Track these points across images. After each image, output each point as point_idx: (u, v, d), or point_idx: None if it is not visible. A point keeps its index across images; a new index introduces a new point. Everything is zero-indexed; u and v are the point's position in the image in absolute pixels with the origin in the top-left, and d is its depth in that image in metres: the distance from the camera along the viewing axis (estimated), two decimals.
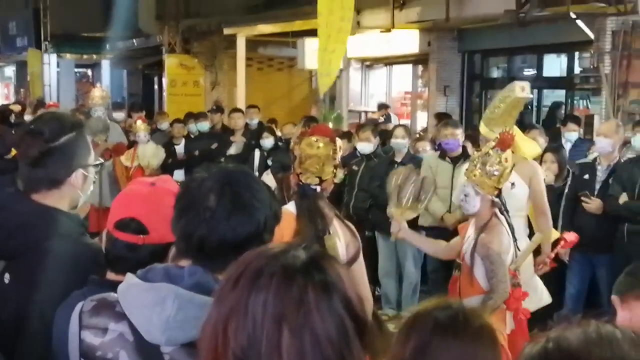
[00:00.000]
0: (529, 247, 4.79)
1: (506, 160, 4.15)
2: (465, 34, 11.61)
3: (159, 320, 1.52)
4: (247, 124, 9.59)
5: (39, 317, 2.00)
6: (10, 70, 27.07)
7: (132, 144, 9.08)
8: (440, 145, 6.95)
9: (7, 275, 2.15)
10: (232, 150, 9.19)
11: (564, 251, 5.80)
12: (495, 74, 12.44)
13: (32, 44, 21.32)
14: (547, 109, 11.26)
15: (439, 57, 11.83)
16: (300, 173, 3.40)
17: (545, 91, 11.39)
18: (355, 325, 1.22)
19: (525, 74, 11.63)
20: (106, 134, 8.35)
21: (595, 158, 6.21)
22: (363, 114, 14.53)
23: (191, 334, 1.47)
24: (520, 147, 5.35)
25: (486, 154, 4.19)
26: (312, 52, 11.72)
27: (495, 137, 4.36)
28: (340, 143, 3.61)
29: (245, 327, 1.19)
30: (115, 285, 1.66)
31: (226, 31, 14.48)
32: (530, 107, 10.86)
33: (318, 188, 3.38)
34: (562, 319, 1.31)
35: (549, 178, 6.07)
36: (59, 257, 2.08)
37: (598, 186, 6.04)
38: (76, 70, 24.66)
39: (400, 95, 14.47)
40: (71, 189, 2.25)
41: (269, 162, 8.46)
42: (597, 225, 5.90)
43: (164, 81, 17.13)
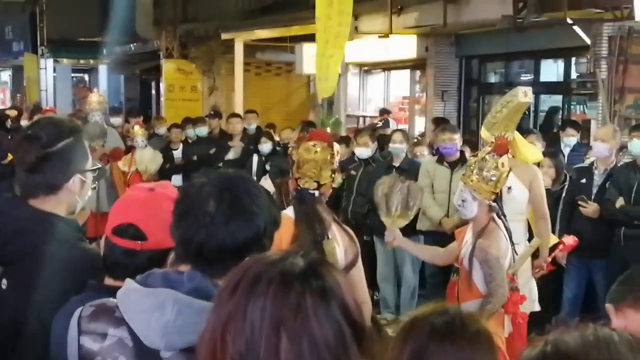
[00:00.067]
0: (527, 251, 4.79)
1: (502, 165, 4.16)
2: (462, 39, 11.63)
3: (158, 325, 1.52)
4: (245, 129, 9.59)
5: (36, 322, 2.00)
6: (6, 75, 27.05)
7: (129, 149, 9.08)
8: (438, 150, 6.96)
9: (4, 281, 2.15)
10: (230, 155, 9.19)
11: (561, 255, 5.81)
12: (493, 79, 12.46)
13: (29, 49, 21.31)
14: (544, 114, 11.27)
15: (437, 62, 11.84)
16: (298, 178, 3.40)
17: (542, 96, 11.40)
18: (353, 331, 1.23)
19: (522, 79, 11.64)
20: (103, 139, 8.34)
21: (592, 162, 6.23)
22: (361, 119, 14.55)
23: (190, 339, 1.47)
24: (521, 151, 5.35)
25: (483, 159, 4.20)
26: (310, 57, 11.73)
27: (491, 142, 4.37)
28: (338, 148, 3.62)
29: (243, 333, 1.20)
30: (114, 291, 1.66)
31: (224, 36, 14.49)
32: (527, 112, 10.87)
33: (316, 193, 3.38)
34: (560, 323, 1.31)
35: (546, 182, 6.08)
36: (57, 262, 2.08)
37: (595, 190, 6.06)
38: (73, 75, 24.63)
39: (398, 100, 14.48)
40: (69, 195, 2.25)
41: (267, 167, 8.47)
42: (594, 230, 5.92)
43: (162, 86, 17.12)
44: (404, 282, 7.06)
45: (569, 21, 8.29)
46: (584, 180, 6.15)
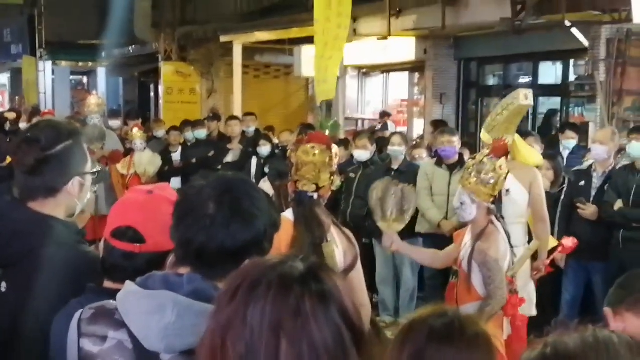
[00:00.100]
0: (526, 253, 4.80)
1: (500, 167, 4.16)
2: (461, 42, 11.65)
3: (158, 327, 1.53)
4: (244, 131, 9.59)
5: (36, 324, 2.00)
6: (4, 78, 27.03)
7: (128, 152, 9.08)
8: (436, 152, 6.97)
9: (3, 284, 2.15)
10: (229, 158, 9.19)
11: (560, 257, 5.81)
12: (491, 81, 12.48)
13: (27, 51, 21.30)
14: (542, 117, 11.28)
15: (435, 65, 11.86)
16: (297, 180, 3.40)
17: (540, 99, 11.41)
18: (352, 335, 1.23)
19: (520, 81, 11.67)
20: (102, 141, 8.34)
21: (591, 165, 6.23)
22: (360, 122, 14.56)
23: (190, 342, 1.47)
24: (522, 153, 5.35)
25: (481, 162, 4.20)
26: (308, 60, 11.74)
27: (489, 145, 4.37)
28: (337, 150, 3.62)
29: (243, 337, 1.20)
30: (113, 294, 1.66)
31: (222, 38, 14.50)
32: (526, 115, 10.87)
33: (315, 195, 3.38)
34: (559, 325, 1.32)
35: (544, 185, 6.08)
36: (56, 265, 2.08)
37: (594, 193, 6.07)
38: (72, 77, 24.63)
39: (396, 103, 14.50)
40: (68, 197, 2.25)
41: (266, 169, 8.47)
42: (593, 232, 5.92)
43: (160, 89, 17.12)
44: (403, 285, 7.06)
45: (568, 24, 8.30)
46: (582, 183, 6.15)
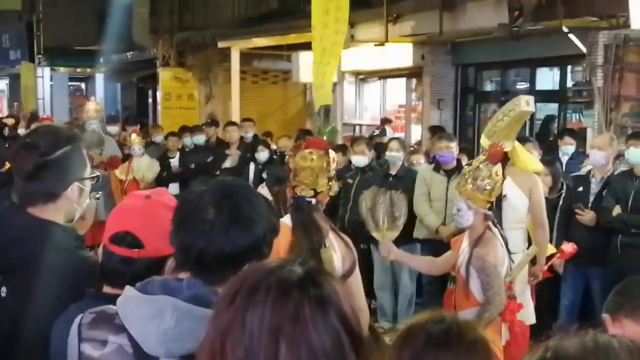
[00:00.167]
0: (524, 259, 4.79)
1: (497, 174, 4.17)
2: (458, 48, 11.67)
3: (158, 332, 1.53)
4: (242, 137, 9.60)
5: (35, 329, 2.00)
6: (3, 84, 27.02)
7: (126, 157, 9.08)
8: (434, 158, 6.98)
9: (3, 289, 2.15)
10: (227, 164, 9.20)
11: (559, 262, 5.81)
12: (489, 87, 12.50)
13: (26, 57, 21.30)
14: (540, 122, 11.29)
15: (433, 71, 11.88)
16: (295, 186, 3.41)
17: (538, 104, 11.39)
18: (351, 339, 1.23)
19: (518, 87, 11.68)
20: (101, 147, 8.34)
21: (589, 171, 6.24)
22: (357, 127, 14.57)
23: (189, 346, 1.48)
24: (521, 159, 5.35)
25: (477, 168, 4.21)
26: (306, 66, 11.76)
27: (485, 151, 4.38)
28: (335, 155, 3.62)
29: (242, 342, 1.20)
30: (112, 299, 1.67)
31: (220, 44, 14.51)
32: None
33: (313, 200, 3.38)
34: (559, 330, 1.32)
35: (543, 190, 6.09)
36: (55, 270, 2.08)
37: (592, 198, 6.07)
38: (70, 83, 24.62)
39: (394, 109, 14.52)
40: (67, 203, 2.25)
41: (264, 175, 8.46)
42: (591, 238, 5.93)
43: (158, 94, 17.12)
44: (401, 290, 7.06)
45: (565, 29, 8.31)
46: (580, 189, 6.16)
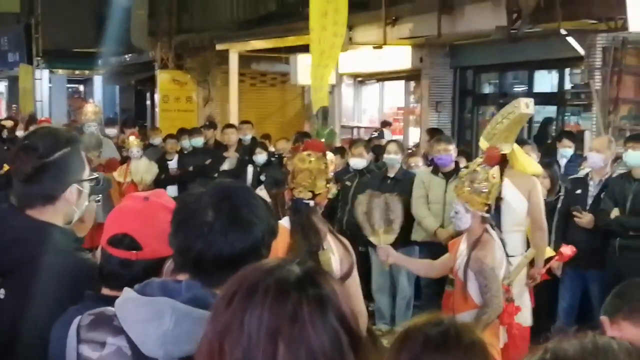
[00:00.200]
0: (522, 262, 4.80)
1: (493, 176, 4.17)
2: (457, 50, 11.67)
3: (156, 334, 1.53)
4: (240, 139, 9.60)
5: (34, 331, 1.99)
6: (1, 86, 27.03)
7: (124, 160, 9.08)
8: (432, 160, 6.98)
9: (2, 291, 2.15)
10: (226, 166, 9.20)
11: (557, 265, 5.81)
12: (487, 89, 12.50)
13: (24, 60, 21.30)
14: (538, 125, 11.30)
15: (431, 73, 11.89)
16: (293, 188, 3.41)
17: (536, 107, 11.41)
18: (350, 339, 1.23)
19: (516, 90, 11.69)
20: (99, 149, 8.35)
21: (588, 173, 6.25)
22: (355, 130, 14.58)
23: (188, 348, 1.47)
24: (520, 162, 5.36)
25: (474, 171, 4.22)
26: (304, 68, 11.76)
27: (483, 154, 4.39)
28: (332, 157, 3.63)
29: (241, 343, 1.20)
30: (111, 301, 1.66)
31: (219, 47, 14.52)
32: None
33: (311, 203, 3.39)
34: (558, 331, 1.32)
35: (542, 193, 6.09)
36: (54, 272, 2.08)
37: (590, 201, 6.08)
38: (68, 85, 24.64)
39: (392, 111, 14.52)
40: (66, 205, 2.25)
41: (262, 177, 8.46)
42: (589, 240, 5.93)
43: (157, 97, 17.12)
44: (399, 293, 7.05)
45: (563, 32, 8.32)
46: (579, 191, 6.16)
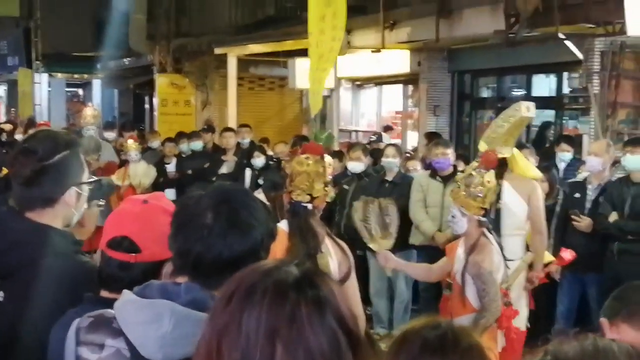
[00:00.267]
0: (521, 265, 4.80)
1: (489, 181, 4.17)
2: (455, 54, 11.68)
3: (156, 336, 1.53)
4: (238, 143, 9.60)
5: (34, 334, 1.99)
6: (1, 90, 27.04)
7: (123, 163, 9.08)
8: (430, 164, 6.98)
9: (1, 293, 2.14)
10: (224, 170, 9.20)
11: (555, 269, 5.81)
12: (485, 93, 12.50)
13: (23, 63, 21.30)
14: (536, 129, 11.31)
15: (429, 77, 11.89)
16: (292, 191, 3.42)
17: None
18: (348, 340, 1.23)
19: (514, 94, 11.69)
20: (98, 153, 8.34)
21: (586, 177, 6.26)
22: (354, 134, 14.59)
23: (187, 351, 1.47)
24: (520, 165, 5.37)
25: (469, 175, 4.22)
26: (302, 72, 11.76)
27: (478, 159, 4.40)
28: (330, 160, 3.64)
29: (239, 344, 1.20)
30: (110, 303, 1.67)
31: (217, 51, 14.52)
32: None
33: (309, 206, 3.39)
34: (558, 334, 1.32)
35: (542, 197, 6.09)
36: (54, 274, 2.08)
37: (588, 205, 6.09)
38: (67, 89, 24.64)
39: (390, 115, 14.53)
40: (65, 207, 2.25)
41: (260, 181, 8.46)
42: (588, 244, 5.93)
43: (155, 100, 17.12)
44: (397, 297, 7.05)
45: (561, 36, 8.33)
46: (577, 195, 6.17)
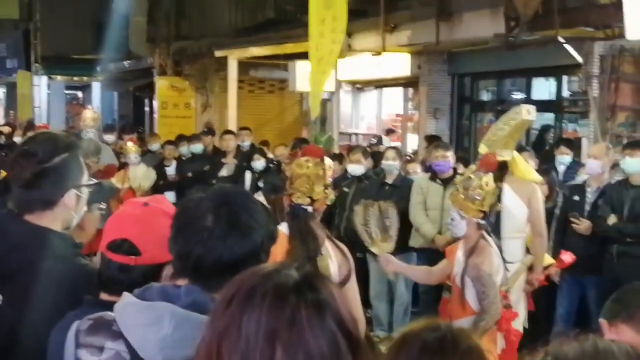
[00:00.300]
0: (520, 268, 4.80)
1: (487, 184, 4.18)
2: (455, 57, 11.69)
3: (156, 338, 1.53)
4: (238, 146, 9.61)
5: (33, 337, 1.99)
6: (0, 92, 27.06)
7: (122, 166, 9.08)
8: (430, 167, 6.99)
9: (0, 296, 2.14)
10: (224, 172, 9.20)
11: (555, 272, 5.82)
12: (485, 96, 12.51)
13: (22, 66, 21.30)
14: (536, 132, 11.31)
15: (429, 80, 11.90)
16: (292, 193, 3.42)
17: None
18: (348, 343, 1.23)
19: (514, 97, 11.70)
20: (97, 155, 8.32)
21: (585, 180, 6.27)
22: (354, 136, 14.60)
23: (188, 353, 1.46)
24: (520, 168, 5.37)
25: (468, 178, 4.23)
26: (303, 75, 11.77)
27: (477, 163, 4.40)
28: (330, 163, 3.64)
29: (239, 346, 1.20)
30: (110, 306, 1.66)
31: (217, 53, 14.53)
32: None
33: (309, 208, 3.39)
34: (558, 335, 1.33)
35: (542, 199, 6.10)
36: (53, 277, 2.08)
37: (588, 208, 6.10)
38: (67, 92, 24.63)
39: (391, 118, 14.54)
40: (64, 210, 2.25)
41: (260, 184, 8.46)
42: (587, 247, 5.94)
43: (155, 103, 17.13)
44: (397, 300, 7.06)
45: (561, 40, 8.34)
46: (576, 198, 6.19)
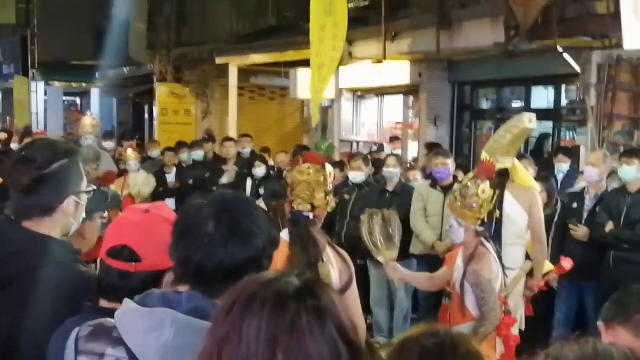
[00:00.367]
0: (519, 274, 4.81)
1: (483, 192, 4.18)
2: (455, 66, 11.71)
3: (157, 345, 1.53)
4: (239, 153, 9.61)
5: (32, 344, 1.99)
6: None
7: (122, 173, 9.07)
8: (431, 174, 7.00)
9: None
10: (225, 179, 9.20)
11: (553, 278, 5.83)
12: (485, 105, 12.53)
13: (20, 72, 21.23)
14: (535, 140, 11.33)
15: (430, 88, 11.91)
16: (293, 200, 3.42)
17: None
18: (349, 350, 1.24)
19: (513, 105, 11.72)
20: (97, 162, 8.32)
21: (584, 188, 6.32)
22: (355, 144, 14.61)
23: (188, 359, 1.47)
24: (520, 176, 5.39)
25: (465, 186, 4.24)
26: (303, 82, 11.79)
27: (475, 170, 4.41)
28: (332, 169, 3.64)
29: (239, 353, 1.20)
30: (110, 313, 1.66)
31: (218, 60, 14.53)
32: None
33: (310, 215, 3.39)
34: (559, 339, 1.33)
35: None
36: (52, 284, 2.07)
37: (586, 215, 6.15)
38: (65, 98, 24.55)
39: (391, 125, 14.55)
40: (63, 217, 2.24)
41: (261, 190, 8.47)
42: (585, 253, 5.98)
43: (155, 110, 17.11)
44: (397, 306, 7.06)
45: (560, 49, 8.36)
46: (575, 205, 6.24)
